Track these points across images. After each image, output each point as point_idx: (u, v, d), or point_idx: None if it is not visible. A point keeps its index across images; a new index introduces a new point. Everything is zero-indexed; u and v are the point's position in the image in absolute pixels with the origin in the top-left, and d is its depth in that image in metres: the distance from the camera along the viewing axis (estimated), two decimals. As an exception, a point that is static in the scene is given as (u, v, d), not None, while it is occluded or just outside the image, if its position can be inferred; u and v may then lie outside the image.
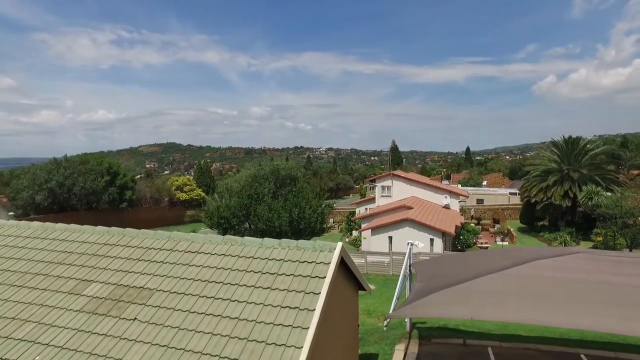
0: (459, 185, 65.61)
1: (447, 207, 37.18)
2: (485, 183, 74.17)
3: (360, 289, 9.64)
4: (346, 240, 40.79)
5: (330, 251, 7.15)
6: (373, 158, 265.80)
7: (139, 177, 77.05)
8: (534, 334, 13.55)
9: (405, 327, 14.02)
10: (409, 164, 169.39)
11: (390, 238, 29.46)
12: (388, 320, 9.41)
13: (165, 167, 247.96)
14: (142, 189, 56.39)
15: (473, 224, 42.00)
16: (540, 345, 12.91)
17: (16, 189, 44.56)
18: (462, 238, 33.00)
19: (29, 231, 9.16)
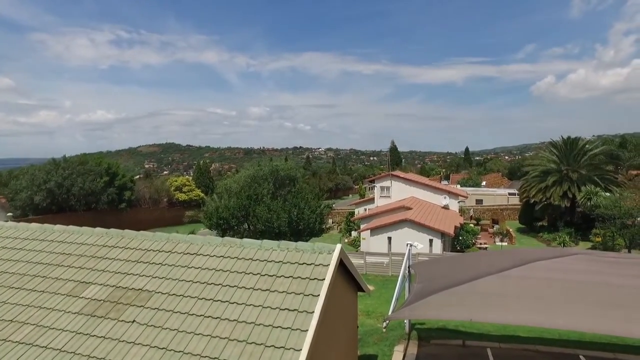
0: (458, 185, 65.68)
1: (446, 207, 37.20)
2: (484, 183, 74.27)
3: (360, 290, 9.63)
4: (345, 240, 40.81)
5: (329, 253, 7.14)
6: (372, 158, 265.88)
7: (138, 177, 76.93)
8: (533, 335, 13.56)
9: (405, 328, 14.02)
10: (408, 164, 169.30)
11: (390, 239, 29.47)
12: (387, 322, 9.40)
13: (164, 167, 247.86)
14: (141, 190, 56.40)
15: (472, 225, 42.04)
16: (539, 346, 12.93)
17: (15, 190, 44.53)
18: (461, 238, 33.02)
19: (28, 233, 9.14)
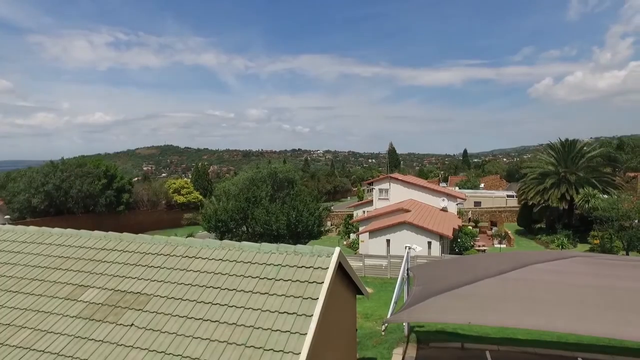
0: (457, 187, 65.82)
1: (444, 209, 37.24)
2: (482, 185, 74.45)
3: (358, 293, 9.62)
4: (344, 243, 40.79)
5: (328, 256, 7.14)
6: (371, 160, 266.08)
7: (136, 179, 76.89)
8: (532, 338, 13.58)
9: (403, 330, 14.01)
10: (407, 166, 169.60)
11: (388, 241, 29.47)
12: (386, 325, 9.40)
13: (162, 169, 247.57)
14: (139, 192, 56.32)
15: (471, 227, 42.07)
16: (537, 348, 12.94)
17: (12, 192, 44.41)
18: (459, 241, 33.04)
19: (25, 236, 9.11)
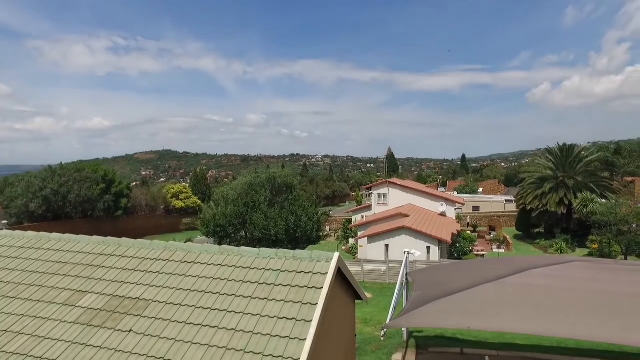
0: (455, 192, 65.90)
1: (443, 214, 37.26)
2: (481, 190, 74.51)
3: (357, 298, 9.61)
4: (342, 248, 40.75)
5: (327, 261, 7.13)
6: (369, 165, 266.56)
7: (134, 184, 76.75)
8: (531, 343, 13.54)
9: (403, 336, 13.97)
10: (405, 171, 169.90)
11: (387, 246, 29.45)
12: (385, 330, 9.38)
13: (161, 174, 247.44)
14: (137, 197, 56.26)
15: (469, 232, 42.10)
16: (537, 353, 12.90)
17: (10, 197, 44.28)
18: (458, 246, 33.03)
19: (23, 241, 9.07)
